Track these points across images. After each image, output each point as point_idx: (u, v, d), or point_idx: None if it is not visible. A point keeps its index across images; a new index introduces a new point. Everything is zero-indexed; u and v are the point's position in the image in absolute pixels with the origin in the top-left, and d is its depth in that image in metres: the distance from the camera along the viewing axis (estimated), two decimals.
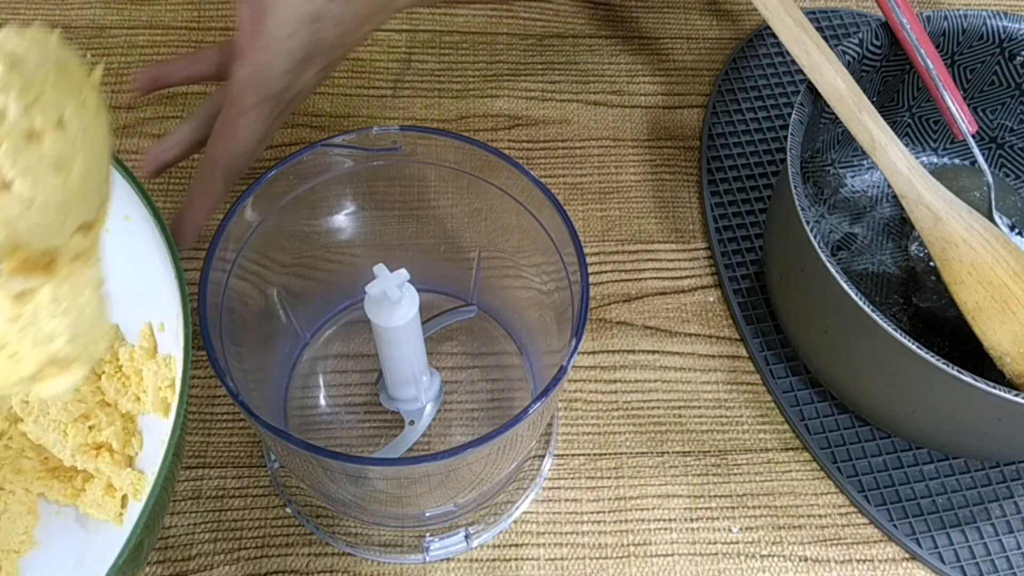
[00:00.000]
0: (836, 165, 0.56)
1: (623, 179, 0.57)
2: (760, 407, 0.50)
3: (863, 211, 0.56)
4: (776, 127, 0.59)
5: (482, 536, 0.45)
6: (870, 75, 0.50)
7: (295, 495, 0.46)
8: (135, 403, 0.42)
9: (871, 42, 0.49)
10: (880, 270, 0.54)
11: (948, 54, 0.51)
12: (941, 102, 0.48)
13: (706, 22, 0.65)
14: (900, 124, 0.55)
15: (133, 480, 0.40)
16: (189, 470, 0.47)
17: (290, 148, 0.57)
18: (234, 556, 0.45)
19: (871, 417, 0.48)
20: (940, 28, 0.50)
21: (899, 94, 0.53)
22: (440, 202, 0.46)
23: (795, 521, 0.47)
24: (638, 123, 0.60)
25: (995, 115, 0.54)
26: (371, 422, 0.48)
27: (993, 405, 0.39)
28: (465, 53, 0.62)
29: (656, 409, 0.50)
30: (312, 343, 0.49)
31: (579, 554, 0.46)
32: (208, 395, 0.49)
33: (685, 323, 0.53)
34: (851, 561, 0.46)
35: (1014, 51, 0.51)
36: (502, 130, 0.59)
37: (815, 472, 0.49)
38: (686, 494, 0.48)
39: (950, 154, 0.57)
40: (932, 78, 0.48)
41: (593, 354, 0.51)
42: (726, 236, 0.55)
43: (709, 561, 0.46)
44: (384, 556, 0.45)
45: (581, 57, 0.62)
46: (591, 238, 0.55)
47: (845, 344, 0.44)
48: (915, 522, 0.47)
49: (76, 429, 0.41)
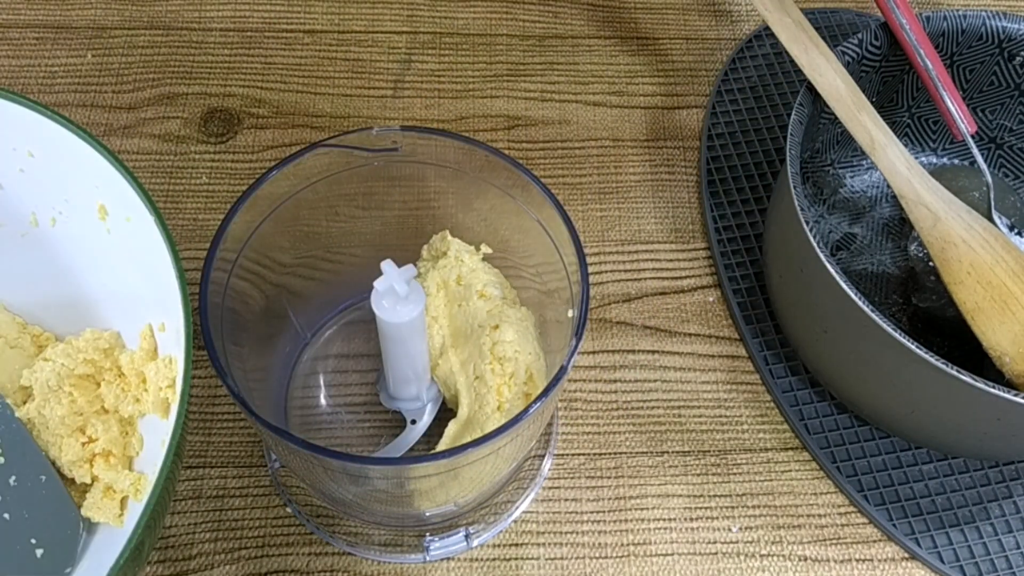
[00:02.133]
0: (836, 165, 0.56)
1: (623, 179, 0.57)
2: (760, 407, 0.50)
3: (863, 211, 0.56)
4: (776, 127, 0.59)
5: (482, 536, 0.45)
6: (870, 75, 0.51)
7: (295, 495, 0.46)
8: (135, 405, 0.42)
9: (871, 42, 0.49)
10: (880, 270, 0.54)
11: (948, 54, 0.51)
12: (940, 102, 0.48)
13: (706, 22, 0.65)
14: (900, 124, 0.56)
15: (133, 481, 0.40)
16: (190, 469, 0.47)
17: (290, 148, 0.57)
18: (234, 556, 0.45)
19: (871, 417, 0.48)
20: (940, 28, 0.50)
21: (899, 94, 0.54)
22: (440, 202, 0.46)
23: (794, 521, 0.47)
24: (638, 123, 0.60)
25: (994, 115, 0.54)
26: (371, 422, 0.48)
27: (993, 405, 0.39)
28: (465, 54, 0.62)
29: (656, 409, 0.50)
30: (313, 343, 0.49)
31: (579, 553, 0.46)
32: (209, 395, 0.49)
33: (685, 323, 0.53)
34: (850, 561, 0.46)
35: (1013, 51, 0.51)
36: (502, 130, 0.59)
37: (814, 472, 0.49)
38: (686, 494, 0.48)
39: (950, 154, 0.57)
40: (931, 78, 0.48)
41: (593, 354, 0.51)
42: (726, 236, 0.55)
43: (709, 560, 0.46)
44: (384, 556, 0.45)
45: (581, 58, 0.62)
46: (591, 238, 0.55)
47: (845, 344, 0.44)
48: (914, 522, 0.47)
49: (68, 445, 0.41)
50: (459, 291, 0.44)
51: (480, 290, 0.44)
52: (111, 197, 0.39)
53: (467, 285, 0.44)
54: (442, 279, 0.44)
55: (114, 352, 0.43)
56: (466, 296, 0.44)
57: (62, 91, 0.58)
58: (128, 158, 0.56)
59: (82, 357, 0.42)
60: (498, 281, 0.45)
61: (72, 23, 0.61)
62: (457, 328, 0.44)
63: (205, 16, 0.62)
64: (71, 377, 0.42)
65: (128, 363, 0.42)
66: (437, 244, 0.45)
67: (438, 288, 0.44)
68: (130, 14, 0.61)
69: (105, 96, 0.58)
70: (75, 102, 0.57)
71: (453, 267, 0.44)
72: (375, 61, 0.61)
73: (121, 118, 0.57)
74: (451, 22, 0.63)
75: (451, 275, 0.44)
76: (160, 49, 0.60)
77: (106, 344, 0.43)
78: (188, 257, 0.50)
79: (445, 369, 0.44)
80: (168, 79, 0.59)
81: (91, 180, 0.39)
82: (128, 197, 0.37)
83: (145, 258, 0.38)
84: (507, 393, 0.41)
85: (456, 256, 0.44)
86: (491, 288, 0.44)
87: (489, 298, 0.43)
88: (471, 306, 0.43)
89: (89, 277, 0.43)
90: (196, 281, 0.36)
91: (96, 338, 0.42)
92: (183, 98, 0.58)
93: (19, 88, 0.58)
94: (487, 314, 0.43)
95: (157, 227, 0.37)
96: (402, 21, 0.63)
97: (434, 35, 0.62)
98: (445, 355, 0.44)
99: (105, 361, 0.42)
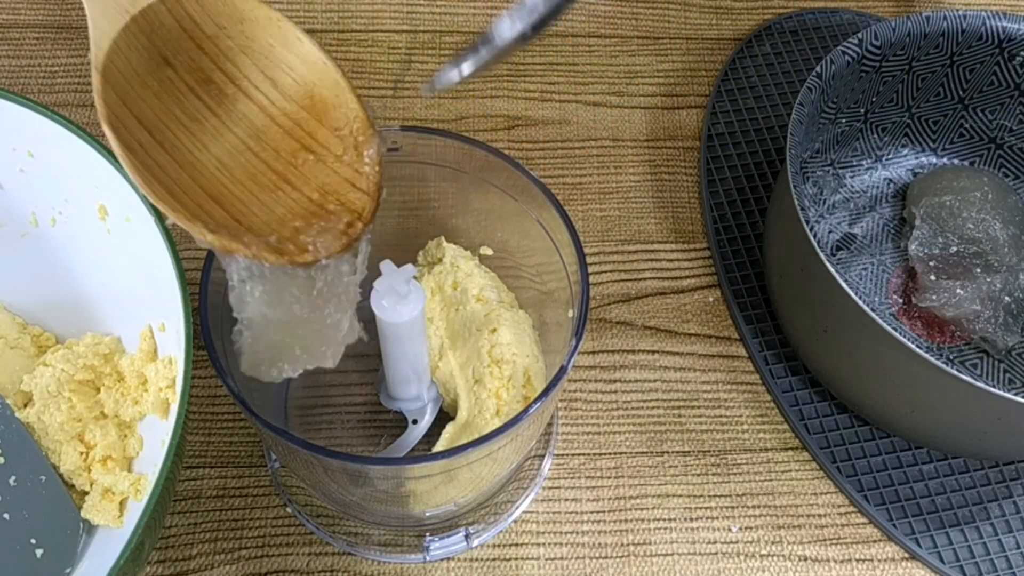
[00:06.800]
0: (836, 165, 0.56)
1: (623, 179, 0.57)
2: (759, 407, 0.50)
3: (863, 211, 0.56)
4: (776, 127, 0.59)
5: (482, 536, 0.45)
6: (870, 75, 0.51)
7: (295, 495, 0.46)
8: (135, 406, 0.42)
9: (871, 42, 0.49)
10: (880, 270, 0.54)
11: (948, 54, 0.51)
12: None
13: (706, 22, 0.65)
14: (900, 124, 0.56)
15: (133, 481, 0.40)
16: (190, 470, 0.47)
17: None
18: (234, 556, 0.45)
19: (871, 417, 0.48)
20: (940, 28, 0.50)
21: (899, 94, 0.54)
22: (440, 202, 0.46)
23: (795, 521, 0.47)
24: (638, 123, 0.60)
25: (994, 115, 0.54)
26: (372, 422, 0.48)
27: (993, 405, 0.39)
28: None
29: (656, 409, 0.50)
30: None
31: (579, 553, 0.46)
32: (209, 395, 0.49)
33: (685, 323, 0.53)
34: (850, 560, 0.46)
35: (1013, 51, 0.51)
36: (502, 130, 0.59)
37: (814, 472, 0.49)
38: (686, 494, 0.48)
39: (950, 154, 0.57)
40: None
41: (593, 354, 0.51)
42: (726, 236, 0.55)
43: (709, 560, 0.46)
44: (384, 556, 0.45)
45: (581, 57, 0.62)
46: (591, 238, 0.55)
47: (845, 344, 0.44)
48: (914, 522, 0.47)
49: (67, 453, 0.41)
50: (455, 295, 0.44)
51: (476, 294, 0.44)
52: (111, 197, 0.39)
53: (463, 290, 0.44)
54: (437, 284, 0.44)
55: (114, 357, 0.43)
56: (463, 300, 0.44)
57: (62, 91, 0.58)
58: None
59: (82, 362, 0.42)
60: (495, 285, 0.45)
61: (72, 23, 0.61)
62: (455, 332, 0.44)
63: None
64: (71, 383, 0.42)
65: (128, 366, 0.42)
66: (432, 250, 0.46)
67: (433, 293, 0.44)
68: None
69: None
70: (75, 102, 0.57)
71: (449, 272, 0.44)
72: (375, 61, 0.61)
73: None
74: (451, 21, 0.63)
75: (447, 280, 0.44)
76: None
77: (106, 349, 0.43)
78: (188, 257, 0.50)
79: (445, 372, 0.44)
80: None
81: (91, 180, 0.39)
82: (128, 197, 0.37)
83: (145, 258, 0.38)
84: (505, 396, 0.41)
85: (452, 262, 0.44)
86: (488, 292, 0.44)
87: (486, 302, 0.44)
88: (468, 309, 0.44)
89: (89, 277, 0.43)
90: (196, 281, 0.36)
91: (96, 343, 0.43)
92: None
93: (19, 88, 0.58)
94: (484, 317, 0.43)
95: (157, 227, 0.37)
96: (402, 19, 0.63)
97: (434, 33, 0.62)
98: (444, 357, 0.44)
99: (105, 366, 0.42)
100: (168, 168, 0.32)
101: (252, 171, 0.33)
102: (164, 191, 0.31)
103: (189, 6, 0.30)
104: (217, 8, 0.30)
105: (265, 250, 0.31)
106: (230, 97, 0.33)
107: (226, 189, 0.33)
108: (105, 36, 0.30)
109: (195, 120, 0.32)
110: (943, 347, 0.51)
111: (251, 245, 0.31)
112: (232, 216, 0.32)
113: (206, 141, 0.32)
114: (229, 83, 0.32)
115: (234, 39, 0.31)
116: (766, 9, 0.65)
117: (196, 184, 0.32)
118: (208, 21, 0.30)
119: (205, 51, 0.31)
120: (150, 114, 0.32)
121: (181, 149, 0.32)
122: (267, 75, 0.32)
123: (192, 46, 0.31)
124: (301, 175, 0.33)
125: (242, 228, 0.32)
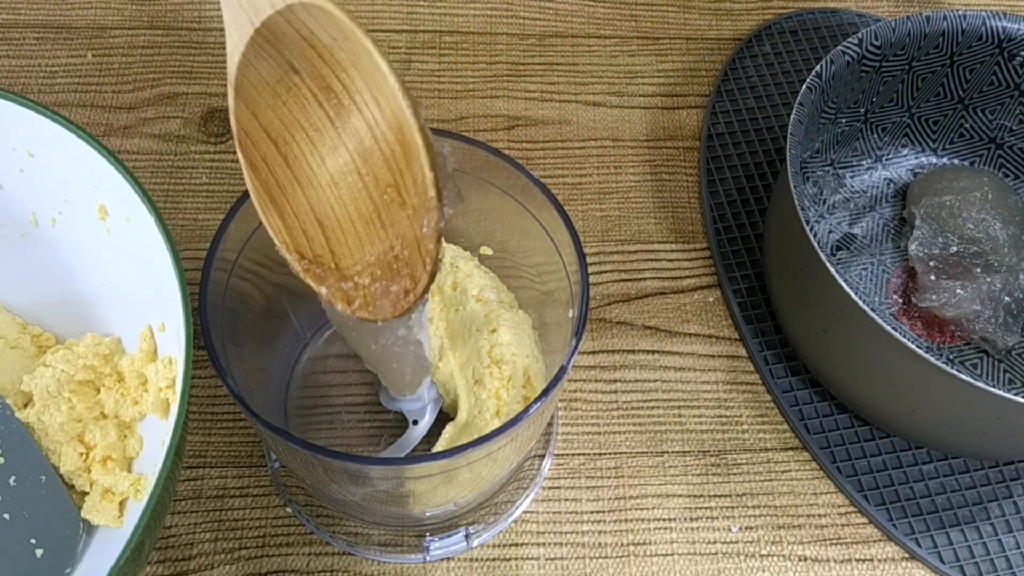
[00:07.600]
0: (836, 165, 0.56)
1: (623, 179, 0.57)
2: (760, 407, 0.50)
3: (863, 211, 0.56)
4: (776, 127, 0.59)
5: (482, 536, 0.45)
6: (870, 75, 0.51)
7: (295, 495, 0.46)
8: (135, 406, 0.42)
9: (871, 42, 0.49)
10: (880, 270, 0.54)
11: (948, 54, 0.51)
12: None
13: (706, 22, 0.65)
14: (900, 124, 0.56)
15: (133, 481, 0.40)
16: (190, 470, 0.47)
17: None
18: (234, 556, 0.45)
19: (871, 417, 0.48)
20: (940, 28, 0.50)
21: (899, 94, 0.54)
22: None
23: (795, 521, 0.47)
24: (638, 123, 0.60)
25: (994, 115, 0.54)
26: (372, 422, 0.48)
27: (993, 405, 0.39)
28: (465, 53, 0.62)
29: (656, 409, 0.50)
30: (313, 343, 0.49)
31: (579, 553, 0.46)
32: (209, 395, 0.49)
33: (685, 323, 0.53)
34: (850, 560, 0.46)
35: (1013, 51, 0.51)
36: (502, 130, 0.59)
37: (815, 472, 0.49)
38: (686, 494, 0.48)
39: (950, 154, 0.57)
40: None
41: (593, 354, 0.51)
42: (726, 236, 0.55)
43: (709, 560, 0.46)
44: (384, 556, 0.45)
45: (581, 57, 0.62)
46: (591, 238, 0.55)
47: (845, 344, 0.44)
48: (914, 522, 0.47)
49: (67, 454, 0.41)
50: (455, 296, 0.44)
51: (476, 294, 0.44)
52: (111, 197, 0.39)
53: (463, 290, 0.44)
54: (436, 284, 0.44)
55: (114, 357, 0.43)
56: (462, 301, 0.44)
57: (62, 91, 0.58)
58: (128, 158, 0.56)
59: (82, 363, 0.42)
60: (494, 285, 0.45)
61: (72, 23, 0.61)
62: (455, 332, 0.44)
63: (205, 16, 0.62)
64: (71, 383, 0.42)
65: (128, 366, 0.42)
66: None
67: (432, 293, 0.44)
68: (130, 14, 0.61)
69: (105, 96, 0.58)
70: (75, 102, 0.57)
71: (448, 272, 0.44)
72: None
73: (121, 118, 0.57)
74: (451, 21, 0.63)
75: (446, 280, 0.44)
76: (160, 49, 0.60)
77: (106, 350, 0.43)
78: (188, 257, 0.50)
79: (445, 372, 0.44)
80: (168, 79, 0.59)
81: (91, 180, 0.39)
82: (128, 197, 0.37)
83: (145, 258, 0.38)
84: (505, 396, 0.41)
85: (452, 262, 0.44)
86: (487, 292, 0.44)
87: (486, 302, 0.44)
88: (468, 310, 0.44)
89: (89, 277, 0.43)
90: (196, 281, 0.36)
91: (96, 344, 0.43)
92: (183, 98, 0.58)
93: (19, 88, 0.58)
94: (484, 318, 0.43)
95: (157, 227, 0.37)
96: (402, 19, 0.63)
97: (434, 33, 0.62)
98: (444, 358, 0.44)
99: (105, 367, 0.42)
100: (286, 186, 0.33)
101: (356, 195, 0.33)
102: (275, 212, 0.33)
103: (304, 17, 0.30)
104: (328, 20, 0.30)
105: (338, 296, 0.33)
106: (346, 109, 0.32)
107: (331, 211, 0.33)
108: (236, 49, 0.31)
109: (317, 130, 0.32)
110: (943, 347, 0.51)
111: (329, 289, 0.33)
112: (328, 246, 0.33)
113: (324, 154, 0.33)
114: (345, 94, 0.32)
115: (346, 52, 0.31)
116: (766, 9, 0.65)
117: (307, 201, 0.33)
118: (322, 31, 0.30)
119: (324, 59, 0.31)
120: (277, 124, 0.32)
121: (301, 162, 0.33)
122: (373, 95, 0.31)
123: (313, 54, 0.31)
124: (390, 215, 0.33)
125: (330, 267, 0.34)
